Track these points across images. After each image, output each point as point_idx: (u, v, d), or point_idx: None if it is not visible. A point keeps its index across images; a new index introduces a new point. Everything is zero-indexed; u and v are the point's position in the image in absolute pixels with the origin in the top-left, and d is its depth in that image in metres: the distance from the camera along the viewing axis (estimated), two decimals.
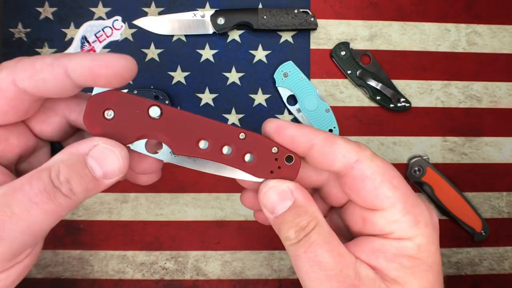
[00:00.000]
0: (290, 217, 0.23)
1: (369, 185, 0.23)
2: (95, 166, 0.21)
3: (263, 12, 0.51)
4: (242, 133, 0.24)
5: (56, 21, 0.52)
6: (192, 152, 0.23)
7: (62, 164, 0.20)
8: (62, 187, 0.20)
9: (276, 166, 0.24)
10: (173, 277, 0.52)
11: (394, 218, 0.23)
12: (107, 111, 0.21)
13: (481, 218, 0.53)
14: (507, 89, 0.54)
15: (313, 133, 0.24)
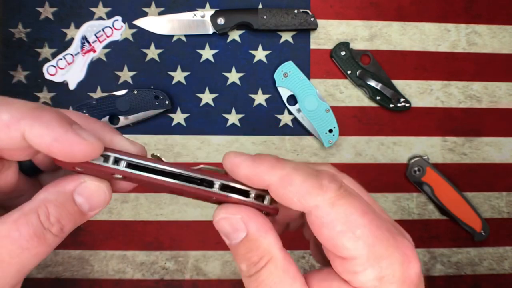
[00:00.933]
0: (242, 250, 0.22)
1: (326, 234, 0.21)
2: (82, 202, 0.21)
3: (263, 12, 0.51)
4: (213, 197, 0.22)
5: (56, 21, 0.52)
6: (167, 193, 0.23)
7: (50, 204, 0.20)
8: (53, 228, 0.20)
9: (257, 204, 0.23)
10: (173, 277, 0.52)
11: (354, 270, 0.21)
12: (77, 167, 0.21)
13: (481, 218, 0.53)
14: (507, 89, 0.54)
15: (268, 173, 0.21)
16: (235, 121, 0.53)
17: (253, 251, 0.22)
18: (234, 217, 0.22)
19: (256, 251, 0.22)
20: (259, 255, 0.22)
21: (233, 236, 0.22)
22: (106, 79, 0.52)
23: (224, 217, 0.22)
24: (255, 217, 0.22)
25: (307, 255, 0.52)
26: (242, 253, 0.22)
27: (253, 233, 0.22)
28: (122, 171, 0.21)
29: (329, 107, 0.52)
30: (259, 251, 0.22)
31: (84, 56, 0.52)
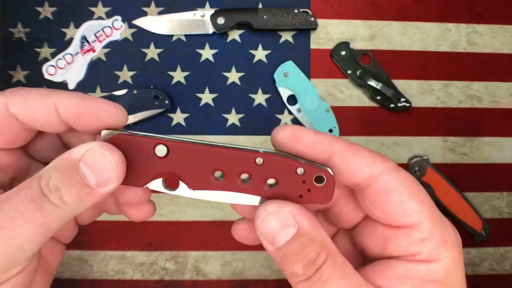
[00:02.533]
0: (295, 248, 0.19)
1: (396, 199, 0.20)
2: (87, 173, 0.19)
3: (263, 11, 0.51)
4: (258, 157, 0.20)
5: (56, 21, 0.52)
6: (207, 185, 0.21)
7: (53, 170, 0.19)
8: (51, 195, 0.18)
9: (305, 189, 0.21)
10: (173, 278, 0.52)
11: (421, 237, 0.20)
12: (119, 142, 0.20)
13: (482, 218, 0.53)
14: (508, 89, 0.54)
15: (334, 140, 0.21)
16: (235, 121, 0.53)
17: (308, 247, 0.19)
18: (283, 211, 0.20)
19: (311, 245, 0.19)
20: (316, 250, 0.19)
21: (281, 236, 0.20)
22: (106, 79, 0.52)
23: (273, 211, 0.20)
24: (303, 210, 0.20)
25: None
26: (295, 252, 0.19)
27: (305, 227, 0.20)
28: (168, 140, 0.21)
29: (329, 107, 0.52)
30: (314, 245, 0.19)
31: (83, 56, 0.52)
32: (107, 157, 0.19)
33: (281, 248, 0.20)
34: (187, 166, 0.21)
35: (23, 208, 0.18)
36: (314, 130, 0.21)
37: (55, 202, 0.18)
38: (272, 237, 0.20)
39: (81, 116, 0.20)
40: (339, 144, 0.21)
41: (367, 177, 0.21)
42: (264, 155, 0.21)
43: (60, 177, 0.18)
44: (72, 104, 0.20)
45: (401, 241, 0.21)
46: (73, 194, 0.18)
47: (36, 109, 0.20)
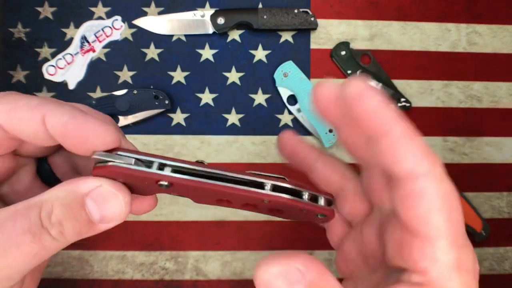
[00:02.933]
0: None
1: (423, 207, 0.19)
2: (93, 209, 0.18)
3: (263, 11, 0.51)
4: (266, 199, 0.21)
5: (56, 21, 0.52)
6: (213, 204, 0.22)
7: (56, 202, 0.18)
8: (53, 229, 0.17)
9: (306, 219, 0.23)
10: (173, 278, 0.52)
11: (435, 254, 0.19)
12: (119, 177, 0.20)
13: (482, 218, 0.53)
14: (508, 89, 0.54)
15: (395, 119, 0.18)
16: (235, 121, 0.53)
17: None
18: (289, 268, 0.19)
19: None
20: None
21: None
22: (106, 79, 0.52)
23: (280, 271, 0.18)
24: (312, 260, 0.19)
25: None
26: None
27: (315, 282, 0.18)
28: (170, 177, 0.19)
29: None
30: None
31: (83, 56, 0.52)
32: (117, 197, 0.19)
33: None
34: (192, 193, 0.21)
35: (19, 241, 0.17)
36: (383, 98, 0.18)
37: (55, 236, 0.17)
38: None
39: (68, 135, 0.19)
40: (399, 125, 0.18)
41: (408, 171, 0.19)
42: (271, 197, 0.20)
43: (65, 211, 0.18)
44: (59, 120, 0.18)
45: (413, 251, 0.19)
46: (75, 229, 0.18)
47: (23, 121, 0.19)
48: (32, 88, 0.51)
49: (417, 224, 0.19)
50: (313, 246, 0.52)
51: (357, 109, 0.18)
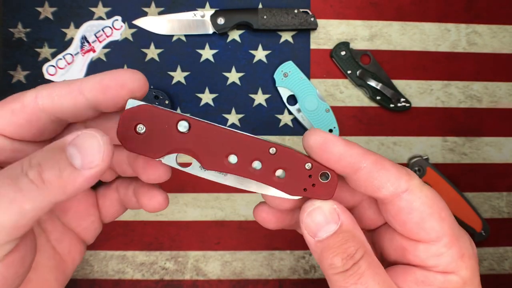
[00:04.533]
0: (336, 242, 0.21)
1: (416, 217, 0.21)
2: (74, 153, 0.18)
3: (263, 12, 0.51)
4: (272, 147, 0.22)
5: (56, 21, 0.52)
6: (220, 167, 0.22)
7: (39, 151, 0.18)
8: (31, 171, 0.17)
9: (310, 183, 0.22)
10: (173, 277, 0.52)
11: (439, 252, 0.21)
12: (139, 125, 0.21)
13: (481, 218, 0.53)
14: (507, 89, 0.54)
15: (362, 155, 0.21)
16: (235, 121, 0.53)
17: (349, 242, 0.21)
18: (329, 208, 0.22)
19: (352, 241, 0.21)
20: (355, 246, 0.21)
21: (324, 229, 0.21)
22: None
23: (319, 206, 0.22)
24: (345, 209, 0.22)
25: (307, 255, 0.52)
26: (336, 245, 0.21)
27: (347, 224, 0.22)
28: (191, 118, 0.21)
29: (329, 107, 0.52)
30: (354, 241, 0.21)
31: (83, 56, 0.52)
32: (95, 137, 0.18)
33: (323, 240, 0.21)
34: (205, 145, 0.22)
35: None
36: (345, 141, 0.22)
37: (32, 178, 0.17)
38: (316, 230, 0.22)
39: (106, 87, 0.21)
40: (367, 159, 0.21)
41: (390, 194, 0.22)
42: (278, 146, 0.22)
43: (45, 154, 0.18)
44: (94, 80, 0.21)
45: (419, 253, 0.22)
46: (55, 171, 0.17)
47: (62, 96, 0.21)
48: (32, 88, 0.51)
49: (416, 234, 0.22)
50: None
51: (324, 158, 0.22)
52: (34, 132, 0.21)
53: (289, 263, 0.52)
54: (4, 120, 0.21)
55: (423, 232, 0.21)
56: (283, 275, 0.52)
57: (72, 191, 0.18)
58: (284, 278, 0.52)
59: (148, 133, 0.21)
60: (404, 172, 0.22)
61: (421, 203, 0.21)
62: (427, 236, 0.22)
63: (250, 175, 0.22)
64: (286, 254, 0.52)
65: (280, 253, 0.52)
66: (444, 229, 0.21)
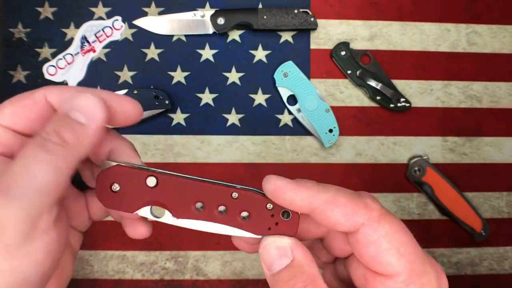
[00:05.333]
0: (286, 277, 0.22)
1: (372, 251, 0.22)
2: (78, 115, 0.21)
3: (263, 12, 0.51)
4: (234, 192, 0.24)
5: (56, 21, 0.52)
6: (189, 215, 0.25)
7: (49, 122, 0.21)
8: (52, 136, 0.20)
9: (273, 222, 0.24)
10: (173, 277, 0.52)
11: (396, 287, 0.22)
12: (114, 185, 0.24)
13: (481, 218, 0.53)
14: (507, 89, 0.54)
15: (313, 197, 0.22)
16: (235, 121, 0.53)
17: (297, 278, 0.22)
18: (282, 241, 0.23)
19: (301, 277, 0.22)
20: (304, 283, 0.21)
21: (277, 263, 0.22)
22: (106, 79, 0.52)
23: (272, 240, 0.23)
24: (299, 244, 0.23)
25: None
26: (285, 279, 0.22)
27: (299, 259, 0.22)
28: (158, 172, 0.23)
29: (329, 107, 0.52)
30: (303, 277, 0.22)
31: (84, 56, 0.52)
32: (89, 98, 0.22)
33: (275, 274, 0.22)
34: (173, 196, 0.24)
35: (31, 153, 0.20)
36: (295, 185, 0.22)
37: (56, 141, 0.20)
38: (270, 264, 0.23)
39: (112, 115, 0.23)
40: (319, 199, 0.22)
41: (347, 229, 0.22)
42: (239, 191, 0.23)
43: (57, 121, 0.21)
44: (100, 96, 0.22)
45: (377, 286, 0.22)
46: (70, 131, 0.21)
47: None
48: (32, 88, 0.51)
49: (372, 266, 0.22)
50: None
51: (280, 202, 0.23)
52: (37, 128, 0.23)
53: None
54: (16, 115, 0.22)
55: (379, 265, 0.22)
56: None
57: (88, 144, 0.21)
58: None
59: (122, 190, 0.24)
60: (361, 205, 0.22)
61: (377, 237, 0.21)
62: (384, 270, 0.22)
63: (217, 220, 0.24)
64: None
65: None
66: (402, 264, 0.21)
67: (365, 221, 0.22)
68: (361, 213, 0.22)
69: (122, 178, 0.24)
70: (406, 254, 0.22)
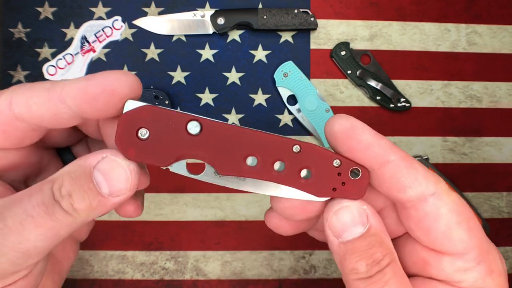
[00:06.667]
0: (362, 246, 0.19)
1: (443, 225, 0.19)
2: (101, 181, 0.18)
3: (263, 12, 0.51)
4: (296, 145, 0.20)
5: (56, 21, 0.52)
6: (238, 171, 0.20)
7: (66, 176, 0.18)
8: (63, 201, 0.17)
9: (340, 182, 0.20)
10: (173, 277, 0.52)
11: (466, 266, 0.19)
12: (141, 129, 0.19)
13: (481, 218, 0.53)
14: (507, 89, 0.54)
15: (391, 148, 0.20)
16: (235, 121, 0.53)
17: (376, 247, 0.19)
18: (358, 208, 0.20)
19: (379, 247, 0.19)
20: (383, 252, 0.19)
21: (350, 231, 0.19)
22: None
23: (347, 205, 0.20)
24: (375, 211, 0.20)
25: (307, 255, 0.52)
26: (362, 249, 0.19)
27: (376, 227, 0.20)
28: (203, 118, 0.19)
29: (329, 107, 0.52)
30: (382, 247, 0.19)
31: (84, 56, 0.52)
32: (121, 166, 0.18)
33: (348, 243, 0.19)
34: (220, 147, 0.19)
35: (34, 212, 0.17)
36: (374, 131, 0.20)
37: (66, 209, 0.18)
38: (341, 231, 0.20)
39: (93, 97, 0.18)
40: (397, 153, 0.19)
41: (416, 196, 0.19)
42: (302, 143, 0.20)
43: (74, 183, 0.18)
44: (77, 87, 0.18)
45: (443, 267, 0.20)
46: (85, 202, 0.18)
47: (41, 104, 0.18)
48: None
49: (441, 245, 0.19)
50: (313, 247, 0.52)
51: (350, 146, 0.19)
52: (12, 140, 0.20)
53: (289, 263, 0.52)
54: None
55: (449, 243, 0.19)
56: (283, 275, 0.52)
57: (101, 214, 0.19)
58: (284, 278, 0.52)
59: (152, 138, 0.19)
60: (432, 175, 0.20)
61: (448, 209, 0.19)
62: (454, 248, 0.19)
63: (273, 178, 0.20)
64: (286, 254, 0.52)
65: (280, 253, 0.52)
66: (473, 241, 0.19)
67: (437, 190, 0.19)
68: (433, 181, 0.19)
69: (154, 122, 0.19)
70: (475, 228, 0.19)
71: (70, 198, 0.18)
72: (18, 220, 0.17)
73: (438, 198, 0.19)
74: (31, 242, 0.17)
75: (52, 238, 0.18)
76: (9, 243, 0.17)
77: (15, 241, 0.17)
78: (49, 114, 0.19)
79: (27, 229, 0.17)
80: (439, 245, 0.20)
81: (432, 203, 0.19)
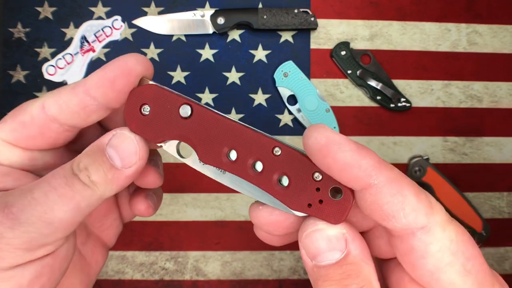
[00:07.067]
0: (337, 275, 0.17)
1: (431, 265, 0.17)
2: (113, 155, 0.20)
3: (263, 11, 0.51)
4: (277, 147, 0.19)
5: (56, 21, 0.52)
6: (218, 162, 0.20)
7: (83, 154, 0.20)
8: (81, 173, 0.19)
9: (317, 198, 0.18)
10: (173, 278, 0.52)
11: None
12: (144, 106, 0.21)
13: (482, 218, 0.53)
14: (508, 89, 0.54)
15: (375, 169, 0.17)
16: None
17: (351, 278, 0.17)
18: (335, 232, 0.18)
19: (355, 278, 0.17)
20: (359, 285, 0.17)
21: (326, 256, 0.17)
22: None
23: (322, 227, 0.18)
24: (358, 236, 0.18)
25: None
26: (335, 278, 0.17)
27: (355, 256, 0.17)
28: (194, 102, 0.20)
29: (329, 107, 0.52)
30: (359, 279, 0.17)
31: (83, 55, 0.52)
32: (129, 138, 0.20)
33: (321, 268, 0.18)
34: (205, 135, 0.20)
35: (56, 184, 0.19)
36: (356, 147, 0.17)
37: (84, 180, 0.19)
38: (315, 254, 0.18)
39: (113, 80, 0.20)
40: (382, 175, 0.17)
41: (401, 228, 0.17)
42: (284, 147, 0.19)
43: (89, 158, 0.20)
44: (98, 76, 0.20)
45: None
46: (100, 174, 0.19)
47: (69, 101, 0.20)
48: (32, 88, 0.51)
49: (428, 283, 0.17)
50: None
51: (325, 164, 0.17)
52: (48, 141, 0.21)
53: (289, 263, 0.52)
54: (16, 133, 0.21)
55: (437, 284, 0.17)
56: (283, 275, 0.52)
57: (117, 188, 0.20)
58: (284, 278, 0.52)
59: (151, 114, 0.20)
60: (426, 202, 0.17)
61: (440, 247, 0.16)
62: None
63: (249, 177, 0.19)
64: (286, 254, 0.52)
65: (280, 253, 0.52)
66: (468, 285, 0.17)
67: (429, 223, 0.17)
68: (426, 212, 0.17)
69: (154, 100, 0.21)
70: (474, 271, 0.17)
71: (87, 171, 0.19)
72: (43, 192, 0.18)
73: (428, 233, 0.17)
74: (55, 212, 0.18)
75: (73, 210, 0.19)
76: (36, 213, 0.18)
77: (41, 211, 0.18)
78: (78, 109, 0.20)
79: (51, 200, 0.18)
80: (426, 283, 0.17)
81: (420, 239, 0.17)
